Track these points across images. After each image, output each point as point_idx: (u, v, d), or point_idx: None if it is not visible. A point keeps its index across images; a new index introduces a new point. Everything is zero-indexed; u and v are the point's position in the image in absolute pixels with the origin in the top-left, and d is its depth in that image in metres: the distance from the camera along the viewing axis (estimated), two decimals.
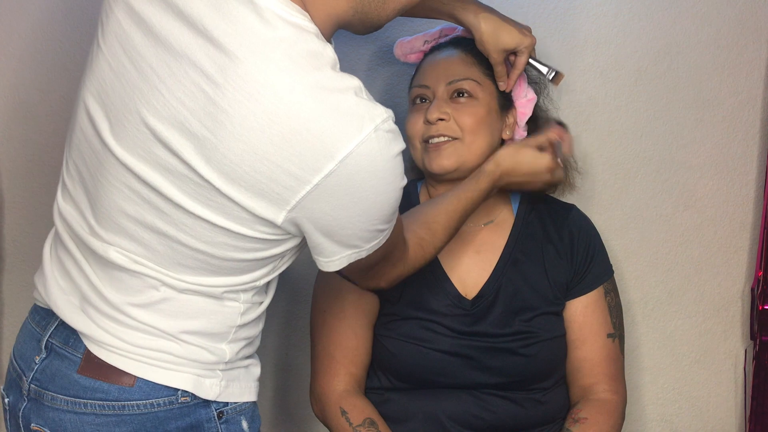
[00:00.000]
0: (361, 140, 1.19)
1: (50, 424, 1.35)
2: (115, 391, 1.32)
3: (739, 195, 2.07)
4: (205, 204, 1.24)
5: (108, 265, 1.33)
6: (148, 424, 1.33)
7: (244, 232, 1.26)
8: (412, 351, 1.73)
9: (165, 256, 1.30)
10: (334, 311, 1.78)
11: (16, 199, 2.06)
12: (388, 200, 1.26)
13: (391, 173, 1.24)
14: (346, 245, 1.29)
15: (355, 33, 1.39)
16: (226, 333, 1.38)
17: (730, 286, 2.10)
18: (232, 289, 1.35)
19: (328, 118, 1.19)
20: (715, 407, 2.13)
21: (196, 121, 1.20)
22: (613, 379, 1.80)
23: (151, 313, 1.33)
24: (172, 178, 1.24)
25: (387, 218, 1.29)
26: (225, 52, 1.19)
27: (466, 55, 1.75)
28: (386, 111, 1.24)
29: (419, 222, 1.55)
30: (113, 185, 1.29)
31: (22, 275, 2.09)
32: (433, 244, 1.55)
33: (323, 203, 1.22)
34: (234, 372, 1.41)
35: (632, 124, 2.04)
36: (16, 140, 2.03)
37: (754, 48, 2.01)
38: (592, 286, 1.81)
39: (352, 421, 1.71)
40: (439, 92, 1.72)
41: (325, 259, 1.32)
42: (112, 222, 1.31)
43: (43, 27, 1.98)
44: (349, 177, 1.20)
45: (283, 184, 1.20)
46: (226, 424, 1.39)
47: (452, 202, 1.59)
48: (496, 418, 1.74)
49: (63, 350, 1.36)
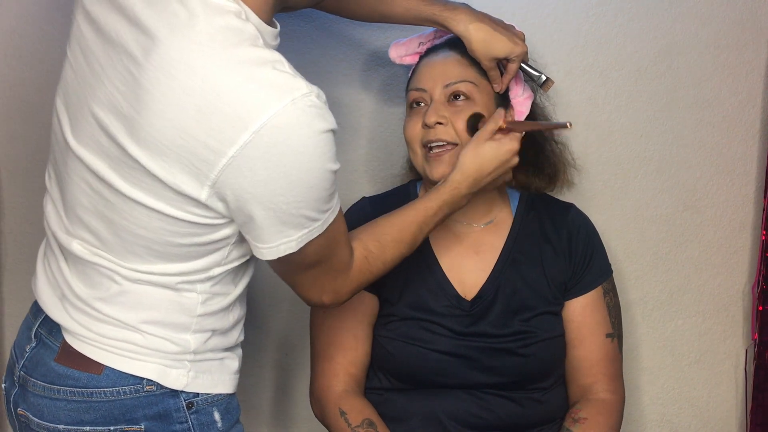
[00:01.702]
0: (276, 111, 1.19)
1: (32, 409, 1.41)
2: (85, 379, 1.37)
3: (739, 195, 2.07)
4: (138, 186, 1.28)
5: (76, 261, 1.39)
6: (115, 411, 1.37)
7: (175, 214, 1.29)
8: (412, 351, 1.74)
9: (115, 245, 1.34)
10: (334, 312, 1.78)
11: (16, 199, 2.07)
12: (313, 180, 1.25)
13: (314, 150, 1.23)
14: (272, 229, 1.28)
15: (298, 7, 1.40)
16: (187, 323, 1.39)
17: (730, 286, 2.10)
18: (185, 279, 1.37)
19: (242, 89, 1.20)
20: (715, 407, 2.13)
21: (126, 102, 1.25)
22: (611, 379, 1.80)
23: (113, 306, 1.37)
24: (112, 163, 1.29)
25: (315, 205, 1.27)
26: (149, 35, 1.24)
27: (462, 56, 1.74)
28: (309, 86, 1.24)
29: (369, 233, 1.50)
30: (73, 180, 1.35)
31: (22, 275, 2.09)
32: (381, 258, 1.48)
33: (242, 178, 1.22)
34: (205, 364, 1.42)
35: (632, 124, 2.03)
36: (16, 140, 2.03)
37: (754, 48, 2.01)
38: (590, 285, 1.81)
39: (351, 422, 1.71)
40: (436, 95, 1.72)
41: (257, 245, 1.31)
42: (75, 216, 1.37)
43: (42, 27, 1.98)
44: (266, 149, 1.20)
45: (202, 157, 1.22)
46: (196, 415, 1.41)
47: (409, 214, 1.54)
48: (495, 417, 1.74)
49: (47, 340, 1.42)
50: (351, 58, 2.01)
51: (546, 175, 1.88)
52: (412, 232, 1.53)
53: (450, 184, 1.59)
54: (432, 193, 1.59)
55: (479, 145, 1.62)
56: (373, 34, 1.99)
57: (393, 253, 1.51)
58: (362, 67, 2.01)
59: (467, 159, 1.60)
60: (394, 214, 1.55)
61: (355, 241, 1.45)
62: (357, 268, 1.45)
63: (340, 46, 2.00)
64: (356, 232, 1.49)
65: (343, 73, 2.01)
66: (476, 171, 1.60)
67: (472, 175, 1.59)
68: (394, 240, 1.51)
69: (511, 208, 1.84)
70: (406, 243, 1.53)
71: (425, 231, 1.56)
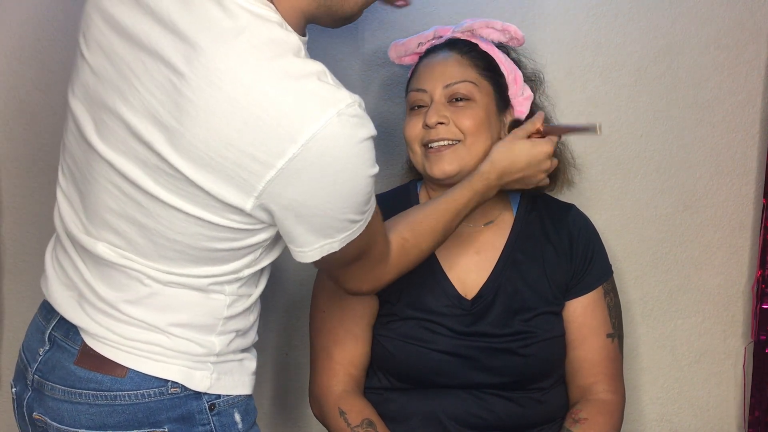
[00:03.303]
0: (323, 123, 1.20)
1: (50, 413, 1.39)
2: (108, 382, 1.35)
3: (739, 195, 2.07)
4: (177, 194, 1.27)
5: (99, 262, 1.37)
6: (139, 414, 1.35)
7: (216, 221, 1.28)
8: (412, 351, 1.74)
9: (147, 248, 1.33)
10: (334, 312, 1.78)
11: (16, 199, 2.07)
12: (358, 187, 1.26)
13: (357, 158, 1.24)
14: (317, 234, 1.29)
15: (326, 26, 1.40)
16: (213, 325, 1.39)
17: (730, 286, 2.10)
18: (215, 280, 1.36)
19: (289, 102, 1.20)
20: (715, 407, 2.14)
21: (165, 111, 1.24)
22: (612, 379, 1.80)
23: (140, 308, 1.36)
24: (147, 170, 1.27)
25: (358, 208, 1.29)
26: (189, 43, 1.22)
27: (462, 56, 1.74)
28: (351, 96, 1.24)
29: (405, 223, 1.52)
30: (99, 183, 1.33)
31: (22, 275, 2.09)
32: (417, 247, 1.51)
33: (290, 189, 1.23)
34: (226, 365, 1.42)
35: (632, 124, 2.04)
36: (16, 140, 2.04)
37: (754, 48, 2.01)
38: (591, 286, 1.81)
39: (351, 422, 1.71)
40: (436, 96, 1.72)
41: (298, 249, 1.32)
42: (99, 218, 1.35)
43: (43, 27, 1.98)
44: (314, 161, 1.21)
45: (249, 169, 1.22)
46: (218, 416, 1.40)
47: (442, 203, 1.57)
48: (495, 417, 1.74)
49: (63, 343, 1.40)
50: (350, 57, 2.01)
51: None
52: (446, 220, 1.56)
53: (480, 174, 1.62)
54: (463, 182, 1.61)
55: (514, 141, 1.66)
56: (373, 34, 1.99)
57: (428, 240, 1.53)
58: (362, 67, 2.01)
59: (499, 151, 1.64)
60: (427, 205, 1.57)
61: (391, 232, 1.47)
62: (395, 257, 1.47)
63: (339, 46, 2.00)
64: (391, 223, 1.50)
65: (343, 73, 2.01)
66: (508, 165, 1.63)
67: (501, 167, 1.63)
68: (429, 228, 1.53)
69: (512, 208, 1.84)
70: (441, 231, 1.55)
71: (458, 220, 1.59)
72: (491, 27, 1.77)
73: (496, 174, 1.63)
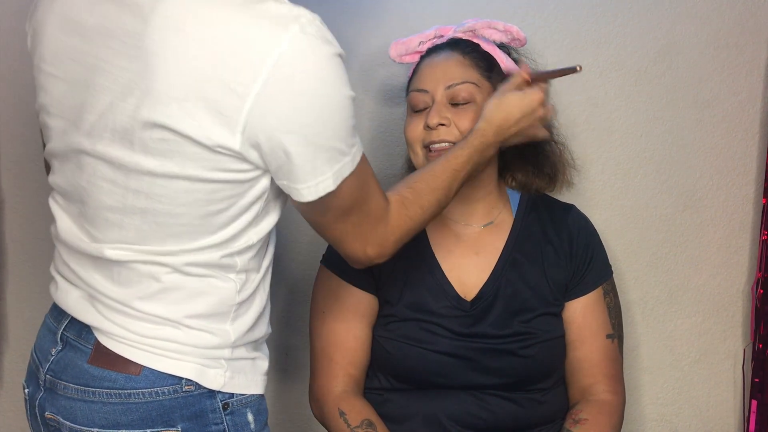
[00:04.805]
0: (289, 41, 1.23)
1: (62, 412, 1.39)
2: (122, 380, 1.35)
3: (739, 195, 2.07)
4: (168, 157, 1.28)
5: (109, 265, 1.37)
6: (153, 412, 1.35)
7: (210, 176, 1.29)
8: (411, 352, 1.74)
9: (151, 233, 1.34)
10: (334, 312, 1.78)
11: (16, 200, 2.07)
12: (335, 106, 1.28)
13: (330, 74, 1.27)
14: (308, 167, 1.29)
15: None
16: (227, 312, 1.39)
17: (730, 286, 2.10)
18: (226, 252, 1.36)
19: (251, 28, 1.23)
20: (715, 407, 2.13)
21: (137, 75, 1.26)
22: (612, 380, 1.80)
23: (154, 303, 1.36)
24: (135, 145, 1.29)
25: (341, 134, 1.29)
26: (143, 3, 1.27)
27: (464, 57, 1.74)
28: (311, 13, 1.27)
29: (403, 184, 1.51)
30: (93, 184, 1.35)
31: (22, 275, 2.09)
32: (417, 203, 1.48)
33: (271, 116, 1.24)
34: (240, 363, 1.42)
35: (632, 124, 2.04)
36: (16, 140, 2.04)
37: (754, 48, 2.01)
38: (591, 286, 1.81)
39: (351, 423, 1.71)
40: (438, 96, 1.72)
41: (294, 186, 1.32)
42: (102, 220, 1.36)
43: None
44: (287, 82, 1.23)
45: (228, 103, 1.24)
46: (231, 416, 1.40)
47: (439, 164, 1.55)
48: (495, 418, 1.74)
49: (76, 342, 1.40)
50: (350, 57, 1.99)
51: (546, 175, 1.87)
52: (445, 179, 1.53)
53: (476, 131, 1.60)
54: (460, 142, 1.60)
55: (504, 95, 1.63)
56: (372, 34, 1.99)
57: (429, 198, 1.50)
58: (361, 67, 2.01)
59: (491, 108, 1.62)
60: (425, 167, 1.56)
61: (389, 192, 1.47)
62: (395, 215, 1.45)
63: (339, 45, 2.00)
64: (390, 188, 1.50)
65: None
66: (502, 119, 1.60)
67: (496, 123, 1.60)
68: (428, 187, 1.51)
69: (512, 209, 1.84)
70: (441, 189, 1.52)
71: (458, 179, 1.56)
72: (493, 27, 1.76)
73: (492, 130, 1.60)
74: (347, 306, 1.77)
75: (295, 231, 2.07)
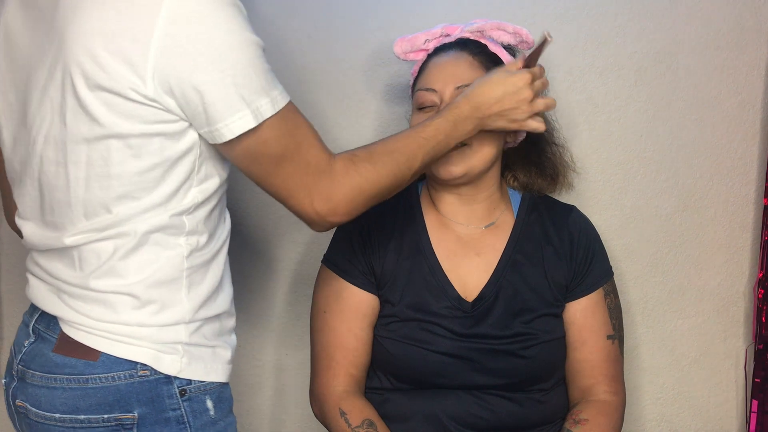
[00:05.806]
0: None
1: (30, 400, 1.43)
2: (81, 366, 1.39)
3: (739, 195, 2.07)
4: (97, 119, 1.33)
5: (68, 252, 1.41)
6: (110, 397, 1.38)
7: (135, 130, 1.33)
8: (412, 353, 1.74)
9: (98, 204, 1.37)
10: (334, 312, 1.78)
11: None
12: (236, 44, 1.30)
13: (225, 14, 1.30)
14: (224, 106, 1.31)
15: None
16: (178, 278, 1.41)
17: (730, 286, 2.10)
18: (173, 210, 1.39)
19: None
20: (715, 407, 2.13)
21: (59, 50, 1.33)
22: (613, 381, 1.80)
23: (108, 278, 1.39)
24: (68, 117, 1.35)
25: (251, 73, 1.31)
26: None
27: (474, 57, 1.73)
28: None
29: (361, 146, 1.48)
30: (44, 172, 1.40)
31: (20, 274, 2.08)
32: (368, 160, 1.42)
33: (174, 58, 1.29)
34: (198, 350, 1.43)
35: (632, 124, 2.04)
36: None
37: (754, 48, 2.01)
38: (591, 287, 1.81)
39: (351, 422, 1.71)
40: (447, 96, 1.71)
41: (216, 126, 1.33)
42: (60, 209, 1.40)
43: None
44: (184, 21, 1.28)
45: (134, 52, 1.29)
46: (189, 402, 1.41)
47: (406, 131, 1.53)
48: (496, 417, 1.74)
49: (45, 333, 1.44)
50: (352, 57, 2.01)
51: (548, 176, 1.88)
52: (408, 143, 1.48)
53: (452, 103, 1.57)
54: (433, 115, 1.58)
55: (489, 73, 1.60)
56: (375, 34, 1.99)
57: (384, 159, 1.44)
58: (364, 67, 2.01)
59: (474, 84, 1.58)
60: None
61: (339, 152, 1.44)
62: (341, 169, 1.40)
63: (341, 45, 2.00)
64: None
65: (345, 73, 2.01)
66: (480, 93, 1.56)
67: (474, 96, 1.56)
68: (385, 149, 1.46)
69: (513, 210, 1.84)
70: (402, 153, 1.47)
71: (425, 147, 1.49)
72: (502, 29, 1.75)
73: (469, 104, 1.55)
74: (348, 306, 1.77)
75: (296, 231, 2.07)
